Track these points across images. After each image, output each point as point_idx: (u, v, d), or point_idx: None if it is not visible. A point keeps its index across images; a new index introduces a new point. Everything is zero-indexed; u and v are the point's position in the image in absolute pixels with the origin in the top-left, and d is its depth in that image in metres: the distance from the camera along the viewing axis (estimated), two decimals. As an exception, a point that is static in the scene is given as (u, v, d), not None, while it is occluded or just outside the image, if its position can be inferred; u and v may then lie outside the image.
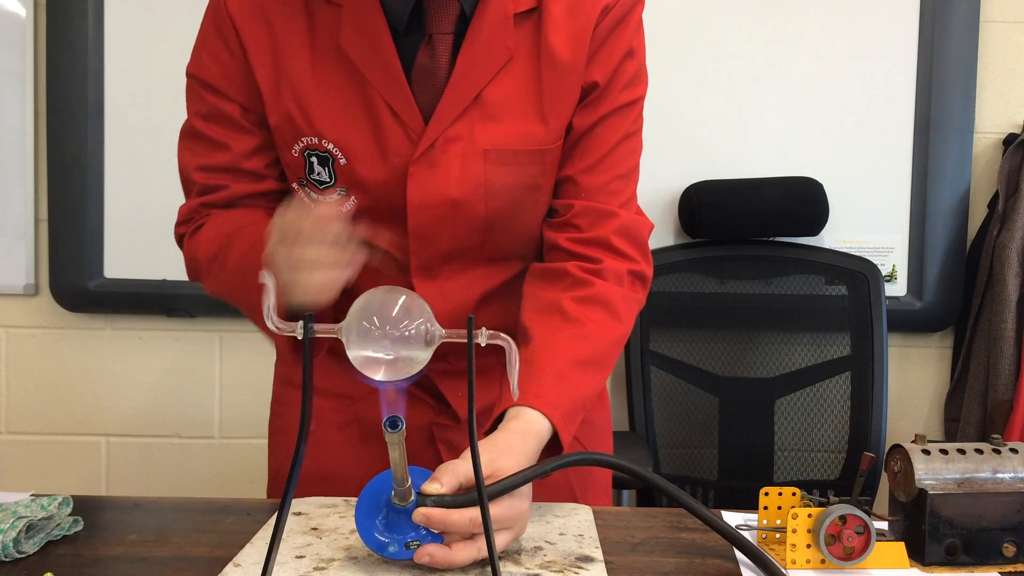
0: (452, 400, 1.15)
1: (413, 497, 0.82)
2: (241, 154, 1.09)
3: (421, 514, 0.82)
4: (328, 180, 1.07)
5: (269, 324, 0.77)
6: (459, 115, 1.04)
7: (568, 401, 0.98)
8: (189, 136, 1.12)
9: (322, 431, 1.15)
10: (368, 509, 0.84)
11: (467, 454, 0.86)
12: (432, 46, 1.04)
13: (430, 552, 0.82)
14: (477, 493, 0.79)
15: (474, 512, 0.82)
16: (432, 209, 1.06)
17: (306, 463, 0.78)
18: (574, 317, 1.03)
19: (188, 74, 1.11)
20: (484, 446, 0.90)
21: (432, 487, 0.83)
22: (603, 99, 1.08)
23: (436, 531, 0.83)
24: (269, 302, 0.77)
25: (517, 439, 0.92)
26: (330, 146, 1.05)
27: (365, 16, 1.04)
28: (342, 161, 1.05)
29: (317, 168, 1.07)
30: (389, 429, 0.75)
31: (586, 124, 1.08)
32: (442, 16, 1.04)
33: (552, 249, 1.11)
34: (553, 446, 0.97)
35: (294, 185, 1.10)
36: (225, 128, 1.09)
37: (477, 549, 0.84)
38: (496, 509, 0.84)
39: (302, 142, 1.06)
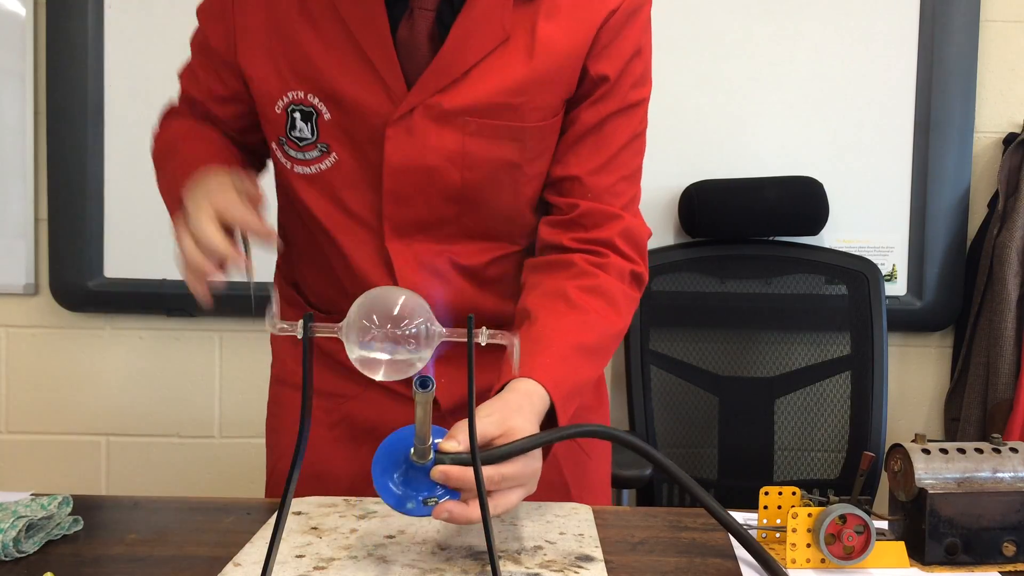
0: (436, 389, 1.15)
1: (432, 455, 0.83)
2: (212, 98, 1.14)
3: (440, 471, 0.82)
4: (310, 136, 1.08)
5: (270, 328, 0.78)
6: (443, 87, 1.04)
7: (568, 383, 0.99)
8: (191, 56, 1.19)
9: (312, 430, 1.15)
10: (385, 467, 0.84)
11: (478, 412, 0.86)
12: (412, 20, 1.05)
13: (449, 508, 0.82)
14: (478, 495, 0.79)
15: (491, 470, 0.83)
16: (408, 173, 1.07)
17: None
18: (578, 304, 1.04)
19: (197, 11, 1.16)
20: (494, 405, 0.90)
21: (450, 444, 0.84)
22: (611, 96, 1.08)
23: (454, 488, 0.83)
24: (272, 308, 0.78)
25: (525, 399, 0.93)
26: (315, 100, 1.06)
27: None
28: (326, 116, 1.06)
29: (300, 124, 1.08)
30: (419, 388, 0.76)
31: (594, 120, 1.09)
32: None
33: (555, 249, 1.11)
34: (547, 426, 0.97)
35: (272, 145, 1.11)
36: (207, 67, 1.14)
37: (493, 506, 0.84)
38: (511, 467, 0.85)
39: (287, 96, 1.07)
